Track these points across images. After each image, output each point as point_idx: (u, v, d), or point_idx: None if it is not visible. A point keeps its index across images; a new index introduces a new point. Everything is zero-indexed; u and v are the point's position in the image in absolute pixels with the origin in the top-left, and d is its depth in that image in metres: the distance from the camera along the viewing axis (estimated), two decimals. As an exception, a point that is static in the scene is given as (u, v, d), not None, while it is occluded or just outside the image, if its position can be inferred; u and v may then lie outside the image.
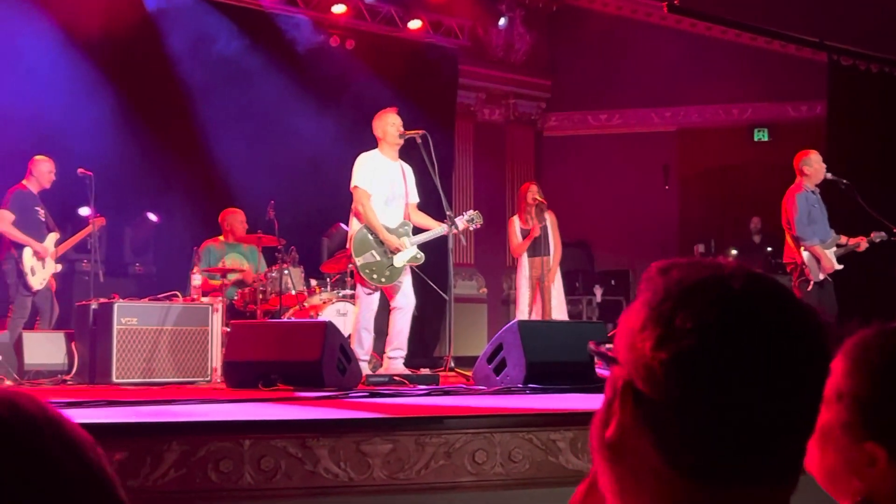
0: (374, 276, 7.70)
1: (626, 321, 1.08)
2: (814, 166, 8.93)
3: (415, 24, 12.77)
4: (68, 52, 10.47)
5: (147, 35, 10.99)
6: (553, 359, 6.24)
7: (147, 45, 10.98)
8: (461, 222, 8.04)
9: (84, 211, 9.49)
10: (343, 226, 10.10)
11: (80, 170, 8.88)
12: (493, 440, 4.11)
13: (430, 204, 8.34)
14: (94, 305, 8.00)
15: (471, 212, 8.31)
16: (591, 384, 5.93)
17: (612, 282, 13.60)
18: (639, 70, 14.16)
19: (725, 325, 0.99)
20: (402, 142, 7.94)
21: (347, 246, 8.03)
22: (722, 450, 0.98)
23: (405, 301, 7.86)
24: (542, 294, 9.95)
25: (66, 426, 0.91)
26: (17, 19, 10.18)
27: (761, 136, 14.47)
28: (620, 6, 14.17)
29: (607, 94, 14.58)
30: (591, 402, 5.08)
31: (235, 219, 9.94)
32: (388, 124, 7.93)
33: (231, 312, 9.20)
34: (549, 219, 10.03)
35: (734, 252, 13.08)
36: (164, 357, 7.94)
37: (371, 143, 8.08)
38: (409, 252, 7.83)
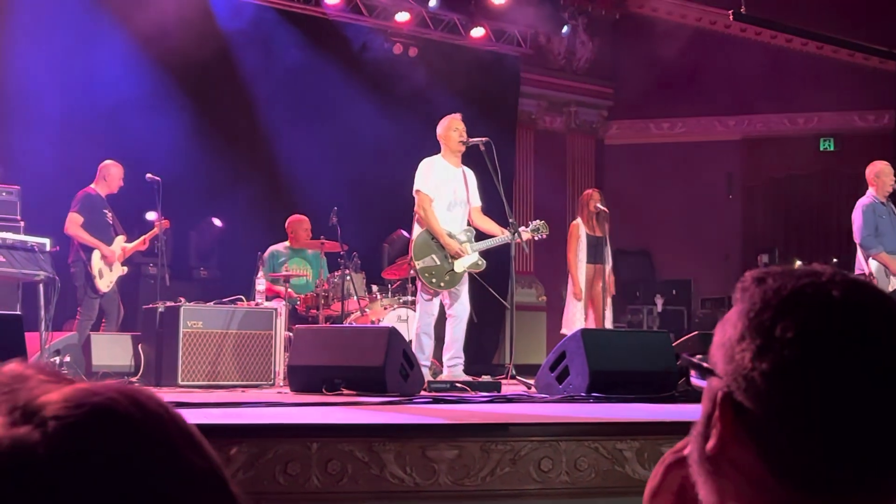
0: (434, 281, 7.72)
1: (722, 332, 1.08)
2: (882, 178, 8.80)
3: (477, 32, 12.80)
4: (139, 58, 10.66)
5: (216, 43, 11.15)
6: (617, 368, 6.21)
7: (215, 52, 11.13)
8: (525, 232, 8.03)
9: (150, 215, 9.64)
10: (404, 232, 10.14)
11: (148, 175, 9.00)
12: (558, 448, 4.10)
13: (493, 211, 8.34)
14: (160, 308, 8.12)
15: (536, 222, 8.29)
16: (657, 394, 5.91)
17: (674, 291, 13.49)
18: (702, 78, 14.05)
19: (829, 334, 0.98)
20: (464, 148, 7.97)
21: (409, 250, 8.07)
22: (832, 460, 0.97)
23: (461, 309, 7.87)
24: (593, 302, 9.90)
25: (186, 423, 0.93)
26: (90, 27, 10.39)
27: (827, 145, 14.27)
28: (685, 14, 14.08)
29: (670, 102, 14.49)
30: (657, 412, 5.05)
31: (300, 225, 10.03)
32: (451, 130, 7.96)
33: (293, 317, 9.28)
34: (608, 230, 9.98)
35: (799, 263, 12.91)
36: (229, 360, 8.03)
37: (433, 149, 8.11)
38: (470, 258, 7.84)
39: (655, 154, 14.74)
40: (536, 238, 8.28)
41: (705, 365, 1.10)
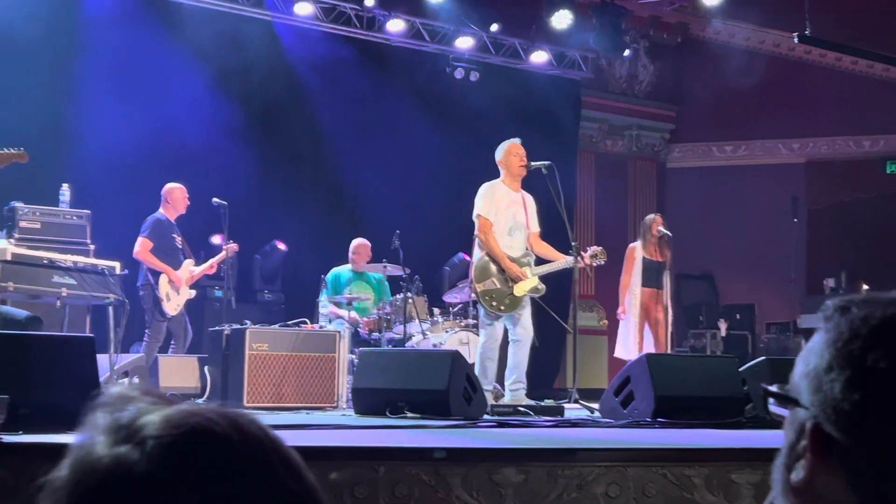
0: (494, 304, 7.72)
1: (806, 362, 1.07)
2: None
3: (538, 56, 12.84)
4: (206, 85, 10.85)
5: (281, 70, 11.33)
6: (682, 393, 6.16)
7: (281, 79, 11.30)
8: (585, 258, 8.01)
9: (216, 239, 9.77)
10: (465, 255, 10.17)
11: (214, 199, 9.12)
12: (626, 474, 4.08)
13: (555, 235, 8.34)
14: (226, 331, 8.20)
15: (595, 248, 8.26)
16: (723, 420, 5.85)
17: (738, 316, 13.34)
18: (766, 101, 13.93)
19: None
20: (524, 172, 7.97)
21: (469, 274, 8.08)
22: None
23: (524, 333, 7.85)
24: (652, 327, 9.82)
25: (285, 447, 0.95)
26: (159, 54, 10.60)
27: (894, 168, 14.06)
28: (748, 37, 13.99)
29: (733, 125, 14.39)
30: (725, 438, 5.00)
31: (362, 249, 10.11)
32: (511, 155, 7.97)
33: (356, 340, 9.33)
34: (667, 255, 9.91)
35: (865, 287, 12.70)
36: (293, 382, 8.09)
37: (494, 173, 8.13)
38: (530, 282, 7.83)
39: (718, 177, 14.63)
40: (594, 264, 8.24)
41: (789, 394, 1.09)
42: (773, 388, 1.15)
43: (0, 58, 9.53)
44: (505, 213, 7.88)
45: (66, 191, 8.66)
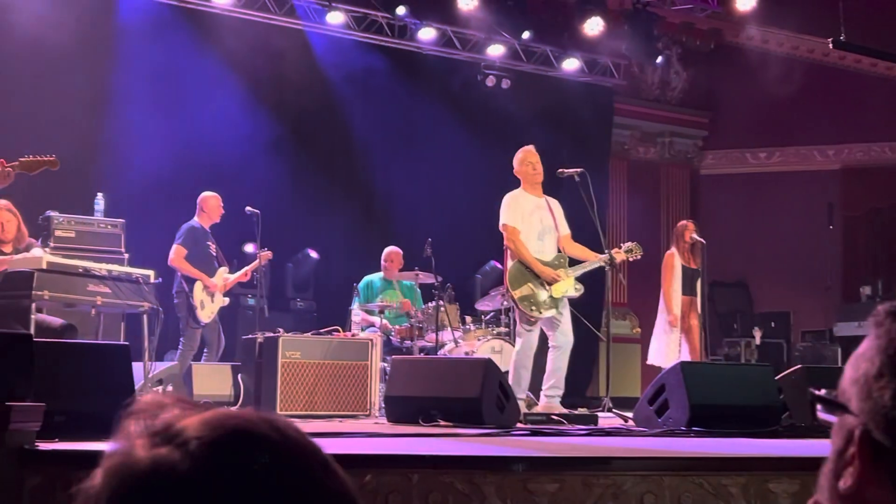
0: (533, 309, 7.68)
1: (855, 368, 1.05)
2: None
3: (570, 64, 12.82)
4: (240, 94, 10.93)
5: (313, 78, 11.38)
6: (718, 401, 6.11)
7: (313, 87, 11.35)
8: (619, 253, 7.97)
9: (249, 248, 9.81)
10: (497, 264, 10.16)
11: (247, 208, 9.16)
12: (661, 483, 4.04)
13: (588, 242, 8.29)
14: (259, 339, 8.23)
15: (629, 243, 8.22)
16: (759, 428, 5.79)
17: (772, 324, 13.22)
18: (800, 107, 13.82)
19: None
20: (539, 178, 7.95)
21: (504, 282, 8.06)
22: None
23: (564, 340, 7.81)
24: (687, 335, 9.74)
25: (323, 451, 0.94)
26: (195, 64, 10.68)
27: (931, 174, 13.91)
28: (781, 42, 13.89)
29: (767, 131, 14.27)
30: (761, 446, 4.95)
31: (394, 257, 10.12)
32: (525, 164, 7.97)
33: (388, 348, 9.33)
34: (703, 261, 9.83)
35: (903, 294, 12.56)
36: (325, 390, 8.09)
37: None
38: (567, 282, 7.79)
39: (752, 184, 14.52)
40: (630, 259, 8.20)
41: (838, 400, 1.07)
42: (821, 394, 1.13)
43: (36, 68, 9.63)
44: (531, 218, 7.87)
45: (100, 200, 8.73)
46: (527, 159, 7.95)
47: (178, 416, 0.92)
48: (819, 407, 1.13)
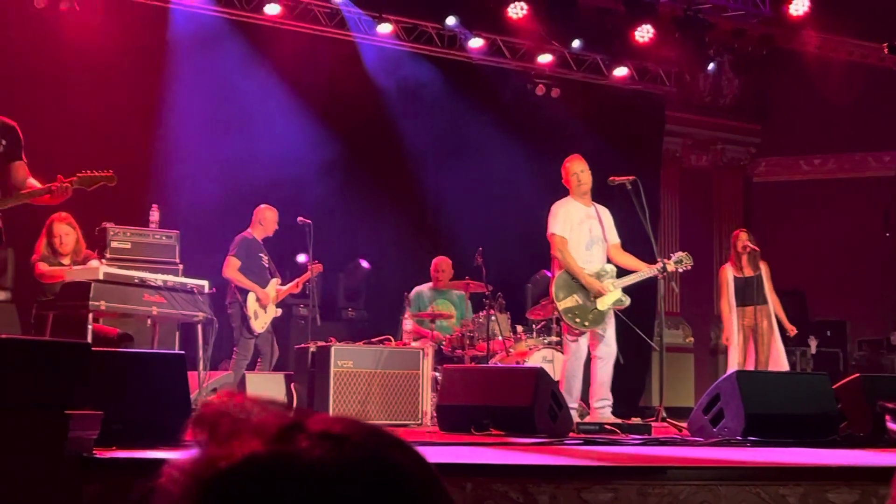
0: (578, 321, 7.65)
1: None
2: None
3: (620, 72, 12.75)
4: (293, 105, 11.01)
5: (363, 88, 11.44)
6: (774, 411, 6.04)
7: (363, 97, 11.41)
8: (669, 264, 7.91)
9: (301, 258, 9.87)
10: (547, 272, 10.11)
11: (299, 218, 9.22)
12: (718, 493, 4.00)
13: (640, 252, 8.24)
14: (312, 348, 8.28)
15: (679, 253, 8.15)
16: (816, 438, 5.71)
17: (828, 332, 13.02)
18: (855, 113, 13.62)
19: None
20: (586, 190, 7.91)
21: (550, 292, 8.03)
22: None
23: (607, 351, 7.77)
24: (756, 345, 9.63)
25: (427, 462, 0.95)
26: (248, 76, 10.78)
27: None
28: (835, 48, 13.71)
29: (821, 137, 14.09)
30: (819, 456, 4.89)
31: (444, 266, 10.13)
32: (571, 174, 7.94)
33: (439, 357, 9.34)
34: (763, 268, 9.72)
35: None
36: (377, 399, 8.12)
37: (575, 189, 8.08)
38: (613, 295, 7.75)
39: (806, 191, 14.34)
40: (680, 270, 8.13)
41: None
42: (889, 405, 1.11)
43: (90, 81, 9.77)
44: (579, 228, 7.83)
45: (155, 211, 8.84)
46: (573, 169, 7.93)
47: (299, 416, 0.90)
48: (888, 417, 1.12)
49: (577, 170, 7.90)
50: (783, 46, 13.53)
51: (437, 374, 8.59)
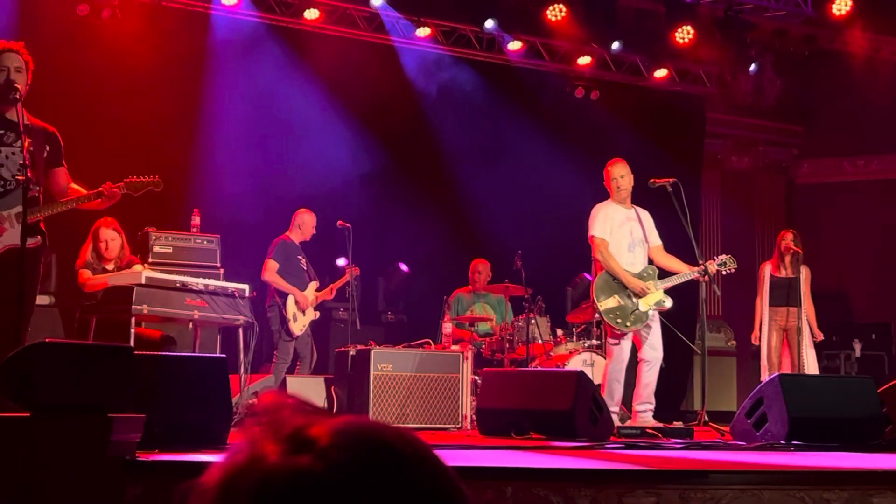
0: (619, 322, 7.60)
1: None
2: None
3: (660, 73, 12.66)
4: (332, 109, 11.05)
5: (402, 91, 11.46)
6: (818, 415, 5.96)
7: (401, 100, 11.43)
8: (712, 266, 7.85)
9: (341, 262, 9.91)
10: (587, 276, 10.07)
11: (339, 222, 9.25)
12: (761, 498, 3.95)
13: (681, 254, 8.18)
14: (352, 352, 8.30)
15: (723, 256, 8.09)
16: (861, 442, 5.63)
17: (873, 336, 12.85)
18: (899, 113, 13.44)
19: None
20: (625, 195, 7.87)
21: (591, 294, 7.99)
22: None
23: (653, 354, 7.72)
24: (790, 346, 9.54)
25: (444, 463, 0.94)
26: (288, 79, 10.84)
27: None
28: (879, 48, 13.53)
29: (865, 138, 13.91)
30: (864, 461, 4.82)
31: (482, 269, 10.12)
32: (611, 179, 7.90)
33: (479, 361, 9.33)
34: (804, 272, 9.63)
35: None
36: (417, 403, 8.13)
37: (615, 191, 8.04)
38: (654, 296, 7.70)
39: (850, 193, 14.16)
40: (724, 272, 8.06)
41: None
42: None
43: (132, 87, 9.86)
44: (620, 230, 7.79)
45: (196, 216, 8.91)
46: (614, 173, 7.89)
47: (305, 421, 0.92)
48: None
49: (618, 174, 7.86)
50: (826, 46, 13.38)
51: (476, 377, 8.58)
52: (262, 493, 0.86)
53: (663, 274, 7.86)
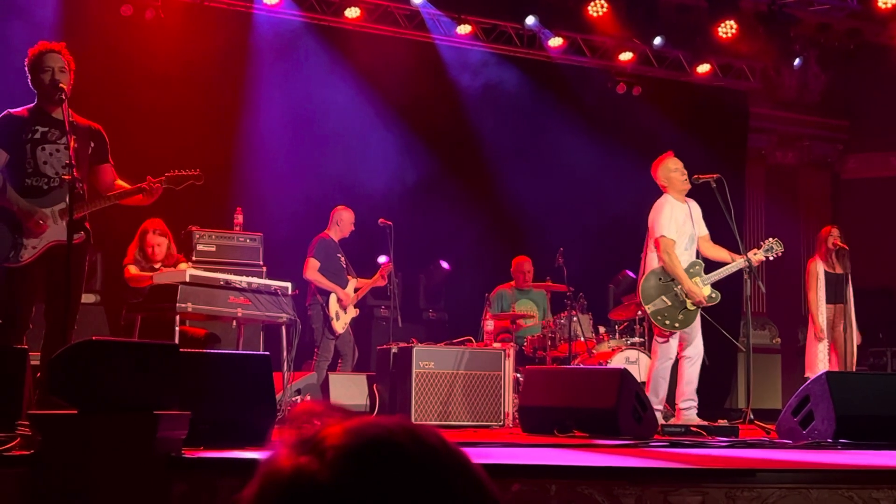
0: (668, 322, 7.54)
1: None
2: None
3: (703, 68, 12.55)
4: (373, 107, 11.08)
5: (442, 88, 11.46)
6: (865, 412, 5.88)
7: (442, 97, 11.42)
8: (758, 253, 7.75)
9: (382, 259, 9.94)
10: (630, 273, 10.02)
11: (380, 220, 9.27)
12: (809, 496, 3.90)
13: (727, 249, 8.11)
14: (394, 349, 8.32)
15: (769, 240, 7.96)
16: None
17: (920, 332, 12.67)
18: (946, 107, 13.23)
19: None
20: (688, 186, 7.79)
21: (637, 294, 7.93)
22: None
23: (694, 351, 7.66)
24: (835, 343, 9.42)
25: (466, 460, 0.94)
26: (330, 79, 10.88)
27: None
28: (925, 40, 13.34)
29: (912, 133, 13.71)
30: (914, 460, 4.74)
31: (524, 266, 10.10)
32: (672, 171, 7.80)
33: (520, 358, 9.31)
34: (849, 268, 9.50)
35: None
36: (459, 400, 8.13)
37: (660, 189, 7.98)
38: (703, 291, 7.62)
39: (896, 188, 13.97)
40: (770, 258, 7.94)
41: None
42: None
43: (175, 86, 9.94)
44: (682, 228, 7.72)
45: (239, 214, 8.97)
46: (672, 166, 7.79)
47: (326, 424, 0.93)
48: None
49: (673, 167, 7.78)
50: (871, 40, 13.21)
51: (518, 375, 8.57)
52: (267, 491, 0.88)
53: (709, 267, 7.78)
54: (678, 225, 7.65)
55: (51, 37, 6.53)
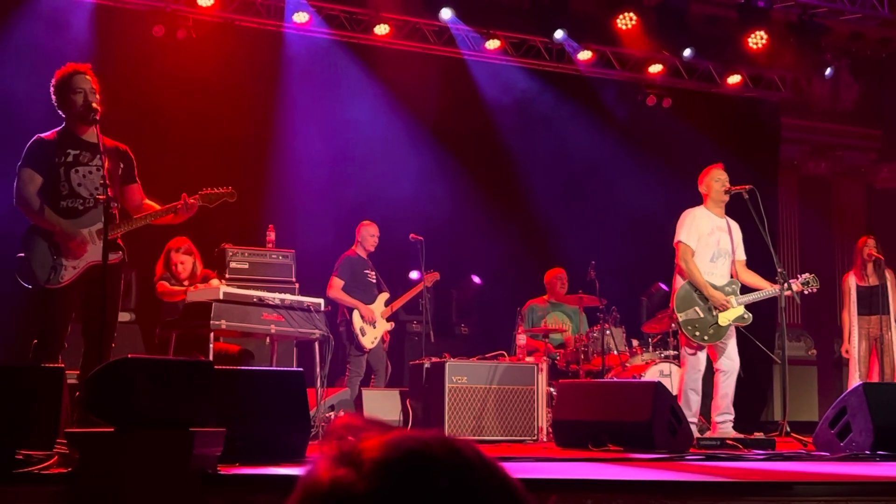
0: (697, 334, 7.50)
1: None
2: None
3: (734, 79, 12.50)
4: (403, 123, 11.12)
5: (471, 103, 11.47)
6: (904, 424, 5.81)
7: (472, 112, 11.44)
8: (795, 285, 7.70)
9: (414, 275, 9.96)
10: (663, 285, 9.98)
11: (411, 235, 9.29)
12: (848, 509, 3.87)
13: (760, 261, 8.06)
14: (426, 364, 8.32)
15: (807, 275, 7.91)
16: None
17: (959, 342, 12.50)
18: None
19: None
20: (727, 198, 7.75)
21: (670, 303, 7.89)
22: None
23: (729, 364, 7.60)
24: (880, 355, 9.33)
25: (503, 473, 0.94)
26: (360, 95, 10.94)
27: None
28: (959, 48, 13.23)
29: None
30: (955, 472, 4.69)
31: (557, 279, 10.08)
32: (714, 180, 7.77)
33: (553, 372, 9.28)
34: (889, 277, 9.41)
35: None
36: (492, 415, 8.12)
37: (691, 200, 7.95)
38: (735, 311, 7.58)
39: (932, 197, 13.82)
40: (806, 292, 7.90)
41: None
42: None
43: (207, 105, 10.02)
44: (708, 239, 7.68)
45: (271, 232, 9.01)
46: (715, 175, 7.77)
47: (365, 437, 0.94)
48: None
49: (724, 178, 7.75)
50: (904, 49, 13.11)
51: (551, 389, 8.54)
52: (306, 503, 0.89)
53: (744, 290, 7.74)
54: (701, 234, 7.63)
55: (83, 57, 6.59)
